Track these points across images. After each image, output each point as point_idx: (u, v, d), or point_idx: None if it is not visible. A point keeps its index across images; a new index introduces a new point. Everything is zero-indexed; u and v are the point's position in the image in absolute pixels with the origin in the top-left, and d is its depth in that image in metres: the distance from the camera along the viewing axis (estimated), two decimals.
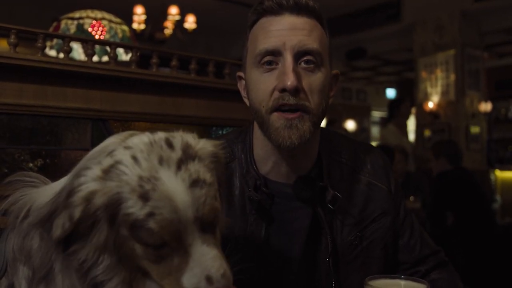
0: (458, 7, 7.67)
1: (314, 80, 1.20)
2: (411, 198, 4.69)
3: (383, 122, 14.73)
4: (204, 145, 0.87)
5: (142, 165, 0.77)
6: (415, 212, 4.43)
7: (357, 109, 13.83)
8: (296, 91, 1.16)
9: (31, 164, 1.76)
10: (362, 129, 13.92)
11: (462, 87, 7.72)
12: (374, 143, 8.30)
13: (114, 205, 0.76)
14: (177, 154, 0.80)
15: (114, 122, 1.94)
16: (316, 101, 1.20)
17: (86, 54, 1.90)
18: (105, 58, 3.41)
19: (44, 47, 1.82)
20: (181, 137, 0.85)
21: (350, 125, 13.42)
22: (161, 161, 0.78)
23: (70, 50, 1.86)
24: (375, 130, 14.47)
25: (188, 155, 0.81)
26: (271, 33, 1.20)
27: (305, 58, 1.19)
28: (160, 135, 0.84)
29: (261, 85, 1.21)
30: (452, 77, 7.70)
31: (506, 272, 3.95)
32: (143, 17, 7.00)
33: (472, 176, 4.50)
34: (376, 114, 15.11)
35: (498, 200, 7.72)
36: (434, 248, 1.43)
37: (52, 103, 1.79)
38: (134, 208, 0.75)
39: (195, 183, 0.78)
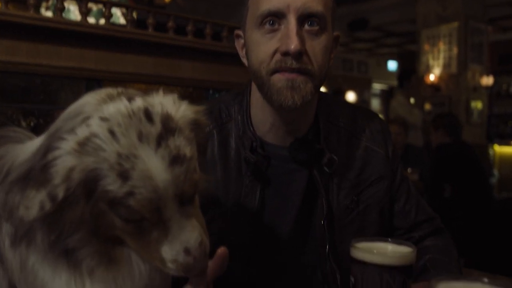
0: None
1: (317, 43, 1.17)
2: (409, 169, 4.68)
3: (388, 94, 14.66)
4: (184, 113, 0.82)
5: (121, 141, 0.74)
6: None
7: (357, 81, 13.75)
8: (300, 55, 1.13)
9: (23, 123, 1.73)
10: (362, 101, 13.88)
11: (465, 60, 7.65)
12: None
13: (92, 181, 0.73)
14: (156, 128, 0.76)
15: (108, 82, 1.90)
16: (319, 64, 1.17)
17: (80, 13, 1.86)
18: (103, 22, 3.35)
19: (37, 5, 1.77)
20: (160, 106, 0.80)
21: (351, 97, 13.36)
22: (140, 137, 0.75)
23: (63, 8, 1.82)
24: (375, 103, 14.44)
25: (168, 129, 0.77)
26: None
27: (309, 21, 1.15)
28: (139, 104, 0.78)
29: (262, 47, 1.17)
30: (455, 50, 7.63)
31: (502, 245, 3.98)
32: None
33: (471, 150, 4.48)
34: (377, 87, 15.04)
35: (496, 174, 7.74)
36: (430, 214, 1.42)
37: (45, 61, 1.76)
38: (113, 186, 0.72)
39: (175, 160, 0.75)
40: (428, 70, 7.95)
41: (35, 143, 0.85)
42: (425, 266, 1.27)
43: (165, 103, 0.81)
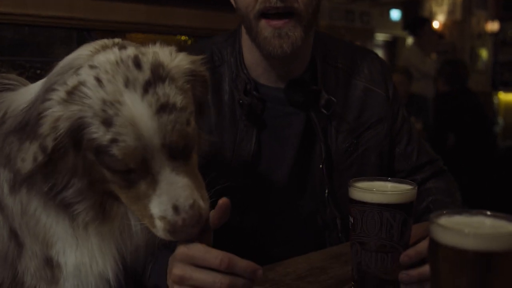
0: None
1: None
2: (413, 118, 4.64)
3: (391, 44, 14.45)
4: (179, 63, 0.79)
5: (106, 87, 0.72)
6: None
7: (360, 32, 13.50)
8: None
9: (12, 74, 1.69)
10: None
11: (469, 6, 7.48)
12: None
13: (77, 130, 0.72)
14: (144, 75, 0.74)
15: (100, 32, 1.84)
16: (305, 1, 1.11)
17: None
18: None
19: None
20: (152, 54, 0.77)
21: None
22: (127, 83, 0.72)
23: None
24: (379, 53, 14.22)
25: (157, 76, 0.74)
26: None
27: None
28: (129, 52, 0.77)
29: None
30: None
31: (506, 192, 3.98)
32: None
33: (474, 98, 4.42)
34: (380, 37, 14.78)
35: (500, 122, 7.68)
36: (432, 156, 1.39)
37: (32, 11, 1.69)
38: (97, 133, 0.71)
39: (162, 108, 0.72)
40: (432, 17, 7.78)
41: (30, 91, 0.85)
42: (427, 208, 1.25)
43: (159, 52, 0.79)
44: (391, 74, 1.38)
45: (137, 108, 0.71)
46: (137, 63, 0.75)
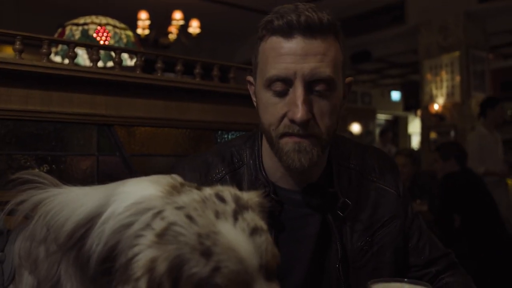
0: (462, 8, 7.66)
1: (325, 104, 1.16)
2: (418, 201, 4.67)
3: (392, 124, 14.68)
4: (250, 196, 0.87)
5: (199, 222, 0.75)
6: (422, 215, 4.41)
7: (362, 112, 13.81)
8: (306, 122, 1.13)
9: (37, 170, 1.75)
10: (367, 132, 13.90)
11: (468, 89, 7.70)
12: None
13: (176, 268, 0.72)
14: (230, 206, 0.79)
15: (119, 127, 1.93)
16: (326, 125, 1.18)
17: (91, 60, 1.90)
18: (110, 64, 3.42)
19: (49, 53, 1.81)
20: (228, 191, 0.84)
21: (355, 128, 13.40)
22: (217, 215, 0.77)
23: (75, 55, 1.86)
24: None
25: (241, 206, 0.80)
26: (281, 59, 1.14)
27: (316, 86, 1.15)
28: (209, 191, 0.82)
29: (271, 109, 1.17)
30: (457, 78, 7.68)
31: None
32: (148, 22, 7.03)
33: (479, 178, 4.46)
34: (381, 117, 15.08)
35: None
36: (444, 250, 1.42)
37: (58, 108, 1.79)
38: (198, 267, 0.72)
39: (254, 231, 0.77)
40: (432, 99, 7.99)
41: (81, 198, 0.84)
42: None
43: (231, 189, 0.85)
44: (399, 172, 1.44)
45: (232, 234, 0.74)
46: (221, 198, 0.80)
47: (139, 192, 0.81)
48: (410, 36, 8.55)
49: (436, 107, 7.87)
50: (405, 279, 1.00)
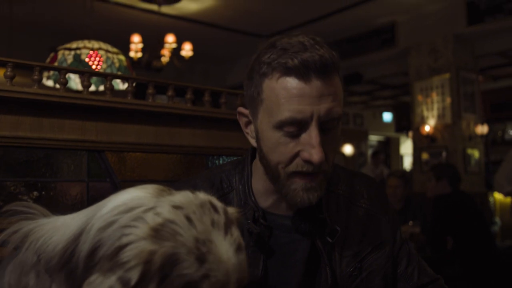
0: (451, 31, 7.78)
1: (332, 139, 1.16)
2: (410, 222, 4.66)
3: (384, 145, 14.72)
4: (231, 210, 0.90)
5: (197, 227, 0.78)
6: (414, 237, 4.41)
7: (354, 134, 13.87)
8: (322, 162, 1.13)
9: (26, 197, 1.74)
10: (360, 153, 13.94)
11: (458, 110, 7.78)
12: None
13: (169, 266, 0.74)
14: (222, 218, 0.82)
15: (110, 153, 1.94)
16: (333, 154, 1.18)
17: (83, 86, 1.91)
18: (102, 88, 3.43)
19: (41, 80, 1.82)
20: (216, 201, 0.87)
21: (348, 149, 13.44)
22: (213, 224, 0.80)
23: (66, 82, 1.87)
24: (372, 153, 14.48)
25: (229, 220, 0.84)
26: (297, 100, 1.10)
27: (328, 125, 1.14)
28: (202, 197, 0.85)
29: (282, 148, 1.14)
30: (448, 100, 7.77)
31: None
32: (140, 46, 7.07)
33: (472, 199, 4.48)
34: (373, 138, 15.15)
35: (498, 222, 7.68)
36: (433, 276, 1.42)
37: (49, 135, 1.78)
38: (190, 269, 0.75)
39: (239, 247, 0.81)
40: (423, 121, 8.06)
41: (68, 222, 0.85)
42: None
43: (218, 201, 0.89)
44: (387, 198, 1.45)
45: (223, 247, 0.78)
46: (214, 207, 0.83)
47: (126, 195, 0.83)
48: (401, 58, 8.66)
49: (427, 128, 7.93)
50: None
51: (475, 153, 8.04)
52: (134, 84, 2.03)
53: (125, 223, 0.77)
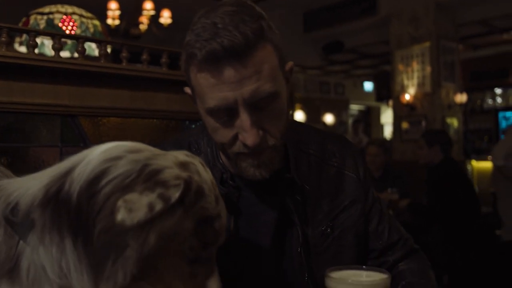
0: None
1: (272, 114, 1.12)
2: (389, 190, 4.72)
3: (365, 114, 14.81)
4: None
5: (209, 174, 0.87)
6: (393, 204, 4.47)
7: (335, 103, 13.90)
8: (259, 143, 1.10)
9: None
10: (341, 122, 14.01)
11: (438, 79, 7.82)
12: None
13: (198, 195, 0.80)
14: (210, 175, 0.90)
15: (83, 117, 1.90)
16: (278, 129, 1.15)
17: (54, 49, 1.86)
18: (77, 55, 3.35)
19: (9, 42, 1.77)
20: None
21: (329, 119, 13.48)
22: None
23: (36, 44, 1.82)
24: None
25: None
26: (218, 89, 1.05)
27: (260, 103, 1.08)
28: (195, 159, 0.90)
29: (221, 131, 1.13)
30: (428, 69, 7.80)
31: (483, 262, 3.99)
32: (118, 13, 6.91)
33: (461, 167, 4.50)
34: (354, 108, 15.21)
35: (476, 189, 7.83)
36: (403, 234, 1.43)
37: (19, 99, 1.75)
38: (211, 205, 0.82)
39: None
40: (403, 90, 8.10)
41: (54, 169, 0.81)
42: None
43: None
44: (361, 156, 1.45)
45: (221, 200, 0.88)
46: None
47: (115, 144, 0.81)
48: (382, 27, 8.63)
49: (407, 97, 7.98)
50: (364, 266, 1.01)
51: (454, 122, 8.13)
52: (106, 48, 1.98)
53: (146, 156, 0.78)
